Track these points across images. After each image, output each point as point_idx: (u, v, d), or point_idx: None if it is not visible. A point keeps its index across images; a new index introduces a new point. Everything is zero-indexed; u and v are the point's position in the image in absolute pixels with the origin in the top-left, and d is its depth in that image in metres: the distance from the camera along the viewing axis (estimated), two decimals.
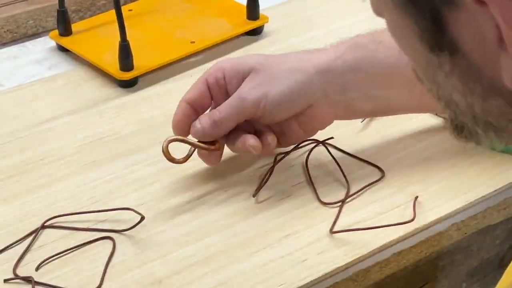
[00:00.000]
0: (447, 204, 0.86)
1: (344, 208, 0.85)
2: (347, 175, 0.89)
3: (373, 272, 0.82)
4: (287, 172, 0.91)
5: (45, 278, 0.78)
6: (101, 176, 0.91)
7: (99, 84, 1.07)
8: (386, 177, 0.89)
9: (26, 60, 1.13)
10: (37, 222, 0.84)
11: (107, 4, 1.21)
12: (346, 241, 0.81)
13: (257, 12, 1.16)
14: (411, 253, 0.84)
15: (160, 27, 1.16)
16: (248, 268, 0.79)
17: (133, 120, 1.00)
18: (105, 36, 1.12)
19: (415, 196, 0.85)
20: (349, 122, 0.97)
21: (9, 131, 0.98)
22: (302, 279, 0.77)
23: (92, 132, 0.98)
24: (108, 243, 0.82)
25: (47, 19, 1.18)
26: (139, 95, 1.05)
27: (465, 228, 0.86)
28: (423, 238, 0.84)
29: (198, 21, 1.17)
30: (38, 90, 1.06)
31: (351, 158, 0.92)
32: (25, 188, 0.89)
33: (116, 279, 0.78)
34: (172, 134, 0.87)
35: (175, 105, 1.01)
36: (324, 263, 0.79)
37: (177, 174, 0.90)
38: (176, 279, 0.78)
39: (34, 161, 0.93)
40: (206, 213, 0.86)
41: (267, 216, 0.85)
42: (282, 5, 1.24)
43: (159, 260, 0.80)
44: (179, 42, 1.12)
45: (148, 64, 1.07)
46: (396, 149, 0.93)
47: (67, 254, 0.81)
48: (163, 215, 0.85)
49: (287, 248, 0.81)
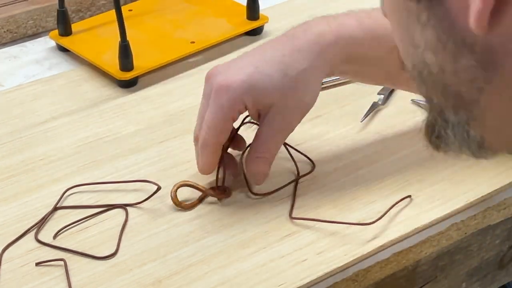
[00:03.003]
0: (446, 204, 0.86)
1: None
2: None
3: (373, 272, 0.82)
4: (287, 171, 0.91)
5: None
6: (101, 176, 0.91)
7: (99, 84, 1.07)
8: (385, 177, 0.89)
9: (26, 60, 1.13)
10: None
11: (107, 4, 1.21)
12: (346, 241, 0.81)
13: (257, 12, 1.17)
14: (411, 253, 0.84)
15: (160, 27, 1.16)
16: (248, 268, 0.79)
17: (133, 120, 1.00)
18: (105, 36, 1.12)
19: (409, 196, 0.86)
20: (349, 122, 0.97)
21: (9, 131, 0.98)
22: (302, 279, 0.77)
23: (92, 132, 0.98)
24: (110, 245, 0.82)
25: (47, 19, 1.18)
26: (139, 95, 1.05)
27: (465, 228, 0.86)
28: (423, 238, 0.84)
29: (198, 21, 1.17)
30: (38, 90, 1.06)
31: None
32: (25, 188, 0.89)
33: (116, 278, 0.78)
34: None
35: (175, 105, 1.02)
36: (324, 263, 0.79)
37: (177, 175, 0.90)
38: (176, 279, 0.78)
39: (34, 161, 0.93)
40: (206, 213, 0.86)
41: (267, 216, 0.85)
42: (282, 5, 1.24)
43: (159, 260, 0.80)
44: (179, 42, 1.12)
45: (148, 64, 1.07)
46: (395, 149, 0.92)
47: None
48: (163, 215, 0.85)
49: (286, 248, 0.81)
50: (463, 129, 0.56)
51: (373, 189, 0.88)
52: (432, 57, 0.53)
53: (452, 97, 0.54)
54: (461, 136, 0.57)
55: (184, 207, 0.86)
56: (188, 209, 0.86)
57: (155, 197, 0.86)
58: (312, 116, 0.99)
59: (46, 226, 0.84)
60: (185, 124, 0.98)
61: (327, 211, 0.85)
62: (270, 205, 0.86)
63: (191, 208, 0.86)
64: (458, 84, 0.53)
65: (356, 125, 0.97)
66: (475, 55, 0.50)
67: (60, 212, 0.86)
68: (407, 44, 0.56)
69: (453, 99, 0.54)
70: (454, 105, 0.55)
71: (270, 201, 0.87)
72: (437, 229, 0.85)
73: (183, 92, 1.05)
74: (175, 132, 0.97)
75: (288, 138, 0.94)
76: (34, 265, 0.79)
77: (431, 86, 0.55)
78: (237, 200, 0.87)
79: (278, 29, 1.18)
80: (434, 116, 0.58)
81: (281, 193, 0.88)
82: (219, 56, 1.12)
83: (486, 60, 0.50)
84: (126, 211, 0.86)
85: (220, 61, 1.11)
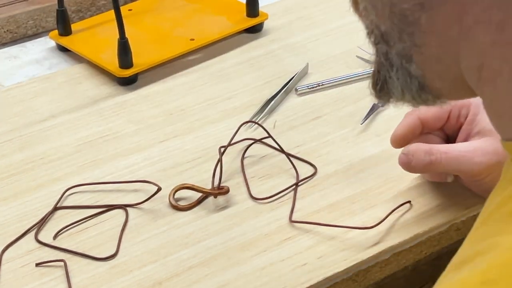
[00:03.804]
0: (446, 210, 0.85)
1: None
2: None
3: (373, 272, 0.82)
4: (288, 174, 0.91)
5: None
6: (101, 175, 0.91)
7: (99, 82, 1.07)
8: (386, 182, 0.89)
9: (26, 60, 1.13)
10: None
11: (107, 4, 1.21)
12: (346, 246, 0.81)
13: (257, 9, 1.16)
14: (411, 253, 0.84)
15: (160, 25, 1.15)
16: (248, 271, 0.79)
17: (133, 119, 1.00)
18: (105, 36, 1.11)
19: (409, 201, 0.86)
20: (349, 123, 0.97)
21: (9, 129, 0.98)
22: (302, 283, 0.77)
23: (92, 131, 0.98)
24: (110, 246, 0.82)
25: (47, 19, 1.17)
26: (139, 93, 1.05)
27: (465, 228, 0.86)
28: (423, 238, 0.84)
29: (197, 18, 1.17)
30: (37, 88, 1.06)
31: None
32: (25, 187, 0.89)
33: (116, 280, 0.78)
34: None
35: (175, 104, 1.02)
36: (324, 268, 0.79)
37: (177, 175, 0.90)
38: (176, 281, 0.78)
39: (34, 160, 0.93)
40: (206, 215, 0.86)
41: (267, 219, 0.85)
42: (281, 2, 1.24)
43: (159, 262, 0.80)
44: (179, 40, 1.12)
45: (147, 61, 1.07)
46: (396, 152, 0.92)
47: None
48: (163, 216, 0.85)
49: (287, 251, 0.81)
50: (406, 71, 0.59)
51: (373, 193, 0.88)
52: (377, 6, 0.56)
53: (398, 19, 0.56)
54: (404, 78, 0.59)
55: (182, 209, 0.86)
56: (186, 211, 0.86)
57: (155, 198, 0.86)
58: (312, 117, 0.99)
59: (46, 226, 0.84)
60: (185, 124, 0.98)
61: (327, 215, 0.85)
62: (271, 208, 0.86)
63: (188, 209, 0.86)
64: (402, 1, 0.55)
65: (356, 126, 0.97)
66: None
67: (60, 212, 0.86)
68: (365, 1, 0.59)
69: (398, 21, 0.56)
70: (399, 29, 0.57)
71: (270, 204, 0.87)
72: (437, 229, 0.85)
73: (183, 90, 1.05)
74: (175, 131, 0.97)
75: (288, 140, 0.94)
76: (34, 265, 0.79)
77: (380, 9, 0.57)
78: (237, 203, 0.87)
79: (278, 27, 1.18)
80: (379, 62, 0.60)
81: (282, 195, 0.88)
82: (218, 53, 1.12)
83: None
84: (126, 211, 0.86)
85: (220, 58, 1.11)
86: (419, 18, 0.55)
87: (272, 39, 1.16)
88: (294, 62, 1.09)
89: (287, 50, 1.13)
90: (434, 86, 0.60)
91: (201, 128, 0.98)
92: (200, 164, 0.92)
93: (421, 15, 0.55)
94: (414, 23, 0.56)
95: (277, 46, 1.14)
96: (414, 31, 0.56)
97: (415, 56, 0.58)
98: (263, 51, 1.13)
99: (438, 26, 0.55)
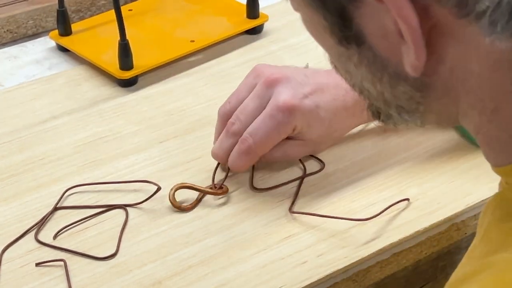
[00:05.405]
0: (446, 207, 0.86)
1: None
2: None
3: (373, 272, 0.82)
4: (287, 173, 0.91)
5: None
6: (101, 176, 0.91)
7: (99, 83, 1.07)
8: (386, 180, 0.89)
9: (26, 60, 1.13)
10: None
11: (107, 4, 1.21)
12: (346, 244, 0.81)
13: (257, 10, 1.16)
14: (411, 253, 0.84)
15: (160, 26, 1.16)
16: (248, 270, 0.79)
17: (133, 120, 1.00)
18: (105, 36, 1.11)
19: (407, 199, 0.86)
20: None
21: (9, 130, 0.98)
22: (302, 281, 0.77)
23: (92, 132, 0.98)
24: (110, 245, 0.82)
25: (47, 19, 1.17)
26: (139, 94, 1.05)
27: (465, 228, 0.86)
28: (423, 238, 0.84)
29: (197, 20, 1.17)
30: (37, 89, 1.06)
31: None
32: (25, 188, 0.89)
33: (116, 279, 0.78)
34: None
35: (176, 105, 1.02)
36: (324, 266, 0.79)
37: (177, 175, 0.90)
38: (176, 280, 0.78)
39: (34, 161, 0.93)
40: (206, 214, 0.86)
41: (267, 217, 0.85)
42: (282, 4, 1.24)
43: (159, 261, 0.80)
44: (179, 41, 1.12)
45: (148, 63, 1.07)
46: (395, 151, 0.93)
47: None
48: (163, 215, 0.85)
49: (287, 249, 0.81)
50: (407, 118, 0.60)
51: (373, 191, 0.88)
52: (370, 86, 0.57)
53: (394, 108, 0.58)
54: (404, 121, 0.60)
55: (183, 209, 0.86)
56: (187, 211, 0.86)
57: (155, 198, 0.86)
58: None
59: (46, 226, 0.84)
60: (185, 124, 0.98)
61: (327, 213, 0.85)
62: (271, 207, 0.86)
63: (190, 209, 0.86)
64: (398, 101, 0.57)
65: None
66: (410, 81, 0.54)
67: (60, 212, 0.86)
68: (343, 71, 0.59)
69: (395, 109, 0.58)
70: (396, 111, 0.58)
71: (270, 203, 0.87)
72: (437, 229, 0.85)
73: (183, 91, 1.05)
74: (175, 132, 0.97)
75: None
76: (34, 265, 0.79)
77: (373, 99, 0.59)
78: (237, 202, 0.87)
79: (278, 28, 1.18)
80: (377, 108, 0.61)
81: (282, 193, 0.88)
82: (219, 55, 1.12)
83: (420, 84, 0.54)
84: (126, 211, 0.86)
85: (221, 60, 1.11)
86: (417, 109, 0.57)
87: (272, 40, 1.16)
88: (295, 63, 1.09)
89: (287, 51, 1.13)
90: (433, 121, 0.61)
91: (201, 128, 0.98)
92: (200, 164, 0.92)
93: (419, 107, 0.56)
94: (413, 110, 0.57)
95: (277, 47, 1.14)
96: (414, 114, 0.58)
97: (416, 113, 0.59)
98: (264, 52, 1.13)
99: (438, 106, 0.56)
